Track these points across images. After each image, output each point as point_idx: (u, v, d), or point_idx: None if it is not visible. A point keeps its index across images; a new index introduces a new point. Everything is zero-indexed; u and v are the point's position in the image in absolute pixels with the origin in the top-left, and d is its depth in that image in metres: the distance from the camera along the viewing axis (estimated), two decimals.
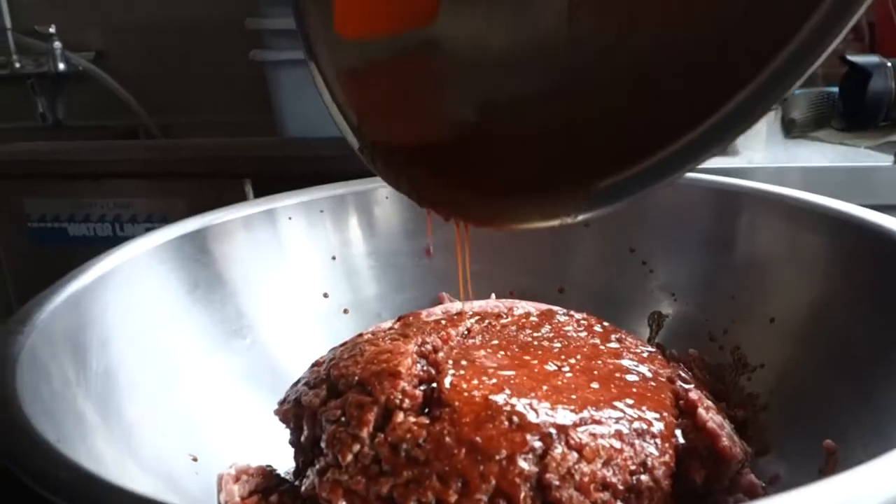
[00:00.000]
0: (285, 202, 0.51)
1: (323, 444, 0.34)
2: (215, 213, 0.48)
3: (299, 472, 0.39)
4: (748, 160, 0.88)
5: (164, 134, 1.40)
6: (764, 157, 0.89)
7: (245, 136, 1.31)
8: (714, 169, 0.86)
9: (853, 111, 0.96)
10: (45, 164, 1.17)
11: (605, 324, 0.45)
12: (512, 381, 0.36)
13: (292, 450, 0.39)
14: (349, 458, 0.33)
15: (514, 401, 0.34)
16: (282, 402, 0.40)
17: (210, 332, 0.45)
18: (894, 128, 0.92)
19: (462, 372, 0.36)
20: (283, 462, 0.40)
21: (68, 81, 1.45)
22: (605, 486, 0.32)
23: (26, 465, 0.24)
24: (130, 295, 0.41)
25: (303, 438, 0.37)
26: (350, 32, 0.30)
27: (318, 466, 0.34)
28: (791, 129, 0.97)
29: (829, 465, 0.36)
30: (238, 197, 1.12)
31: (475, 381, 0.35)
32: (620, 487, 0.32)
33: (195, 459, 0.39)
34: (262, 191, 1.12)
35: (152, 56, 1.42)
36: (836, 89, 1.00)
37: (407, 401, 0.34)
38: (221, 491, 0.36)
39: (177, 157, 1.14)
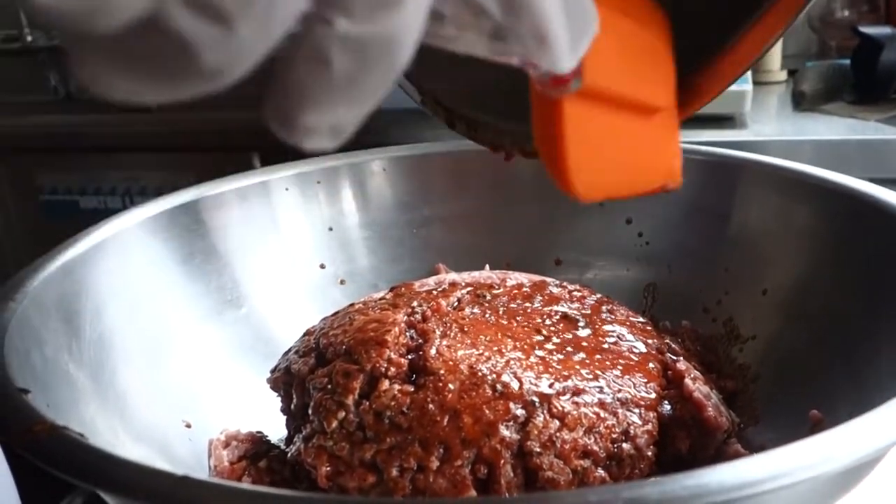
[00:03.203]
0: (281, 174, 0.51)
1: (310, 412, 0.35)
2: (210, 184, 0.48)
3: (290, 439, 0.40)
4: (756, 133, 0.87)
5: (172, 106, 1.40)
6: (772, 129, 0.88)
7: (254, 108, 1.31)
8: (721, 142, 0.85)
9: (864, 83, 0.95)
10: (56, 137, 1.18)
11: (598, 295, 0.45)
12: (498, 351, 0.36)
13: (284, 417, 0.40)
14: (334, 424, 0.33)
15: (499, 370, 0.34)
16: (273, 371, 0.40)
17: (205, 302, 0.45)
18: None
19: (448, 341, 0.36)
20: (277, 429, 0.41)
21: None
22: (586, 453, 0.32)
23: (11, 429, 0.25)
24: (125, 264, 0.42)
25: (292, 406, 0.37)
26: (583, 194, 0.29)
27: (304, 433, 0.34)
28: (801, 102, 0.96)
29: (815, 434, 0.36)
30: (246, 169, 1.13)
31: (461, 351, 0.35)
32: (602, 455, 0.33)
33: (188, 426, 0.40)
34: (270, 163, 1.12)
35: None
36: (847, 61, 0.99)
37: (392, 369, 0.35)
38: (211, 456, 0.36)
39: (186, 131, 1.14)
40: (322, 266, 0.51)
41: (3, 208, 1.24)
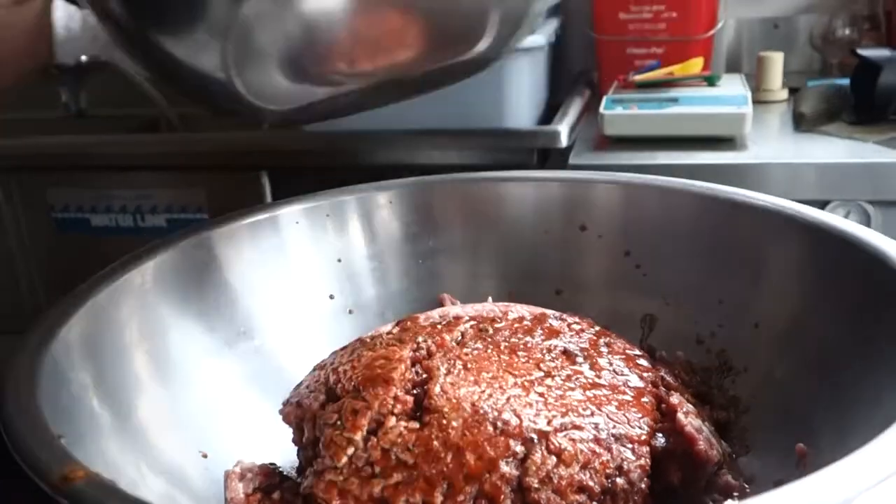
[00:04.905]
0: (290, 208, 0.53)
1: (321, 446, 0.37)
2: (223, 220, 0.50)
3: (302, 470, 0.41)
4: (756, 155, 0.89)
5: (183, 123, 1.42)
6: (772, 151, 0.89)
7: (263, 127, 1.34)
8: (721, 164, 0.87)
9: (864, 104, 0.96)
10: (68, 156, 1.20)
11: (596, 328, 0.46)
12: (500, 387, 0.38)
13: (296, 447, 0.42)
14: (344, 459, 0.35)
15: (500, 407, 0.36)
16: (286, 404, 0.42)
17: (219, 334, 0.47)
18: None
19: (452, 378, 0.38)
20: (289, 457, 0.43)
21: (90, 72, 1.48)
22: (582, 488, 0.34)
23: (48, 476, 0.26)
24: (143, 301, 0.44)
25: (304, 439, 0.39)
26: None
27: (316, 467, 0.36)
28: (801, 123, 0.98)
29: (800, 468, 0.38)
30: (255, 188, 1.15)
31: (464, 389, 0.37)
32: (596, 490, 0.34)
33: (205, 456, 0.42)
34: (279, 183, 1.15)
35: None
36: (847, 81, 1.00)
37: (399, 406, 0.37)
38: (227, 488, 0.38)
39: (196, 151, 1.16)
40: (331, 296, 0.53)
41: (15, 225, 1.27)
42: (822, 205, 0.85)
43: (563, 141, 0.98)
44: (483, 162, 1.07)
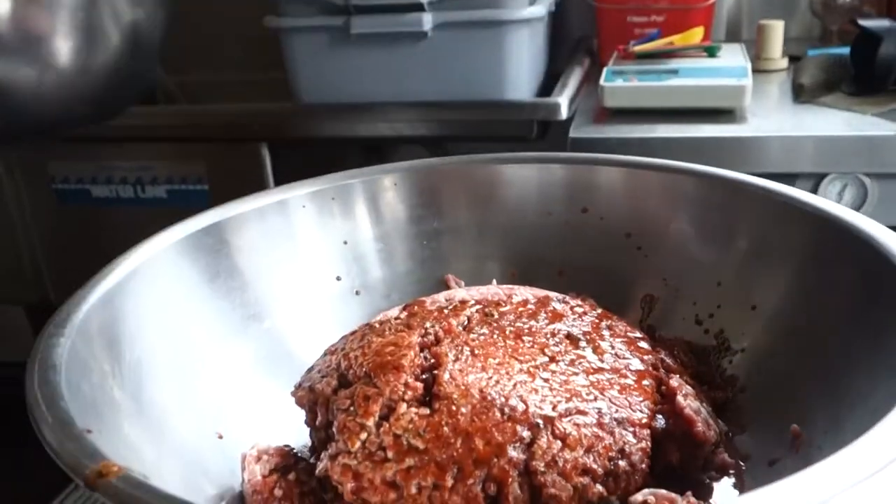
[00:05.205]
0: (297, 192, 0.54)
1: (334, 430, 0.38)
2: (231, 205, 0.51)
3: (314, 449, 0.43)
4: (755, 128, 0.89)
5: (181, 92, 1.42)
6: (771, 124, 0.90)
7: (262, 95, 1.33)
8: (721, 137, 0.88)
9: (863, 75, 0.97)
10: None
11: (598, 310, 0.48)
12: (506, 374, 0.39)
13: (308, 427, 0.43)
14: (357, 444, 0.37)
15: (507, 393, 0.38)
16: (298, 387, 0.44)
17: (230, 318, 0.49)
18: None
19: (460, 365, 0.39)
20: (301, 436, 0.44)
21: None
22: (586, 471, 0.36)
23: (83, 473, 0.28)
24: (157, 287, 0.45)
25: (317, 422, 0.41)
26: None
27: (330, 451, 0.38)
28: (800, 94, 0.98)
29: (793, 447, 0.39)
30: (255, 159, 1.15)
31: (472, 376, 0.39)
32: (600, 472, 0.36)
33: (220, 437, 0.43)
34: (278, 154, 1.15)
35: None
36: (847, 51, 1.00)
37: (409, 392, 0.38)
38: (245, 469, 0.40)
39: (196, 123, 1.17)
40: (338, 278, 0.55)
41: (16, 197, 1.27)
42: (819, 178, 0.86)
43: (563, 113, 0.99)
44: (483, 134, 1.08)
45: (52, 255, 1.30)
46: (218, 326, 0.48)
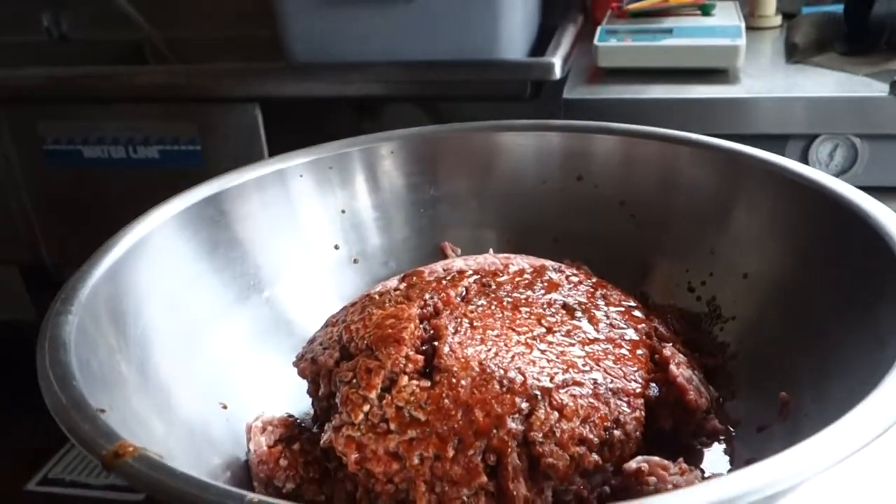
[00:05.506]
0: (295, 161, 0.54)
1: (337, 401, 0.39)
2: (230, 176, 0.51)
3: (317, 418, 0.44)
4: (748, 89, 0.89)
5: (169, 48, 1.40)
6: (764, 85, 0.90)
7: (251, 51, 1.32)
8: (713, 98, 0.88)
9: (856, 34, 0.96)
10: (57, 88, 1.19)
11: (593, 279, 0.49)
12: (505, 346, 0.40)
13: (309, 397, 0.44)
14: (360, 416, 0.38)
15: (505, 365, 0.39)
16: (300, 358, 0.45)
17: (231, 289, 0.49)
18: (894, 54, 0.92)
19: (460, 338, 0.40)
20: (302, 404, 0.46)
21: None
22: (582, 441, 0.37)
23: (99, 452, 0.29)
24: (159, 260, 0.45)
25: (320, 393, 0.42)
26: None
27: (334, 423, 0.39)
28: (793, 54, 0.98)
29: (782, 414, 0.41)
30: (247, 120, 1.14)
31: (471, 348, 0.40)
32: (595, 442, 0.37)
33: (224, 407, 0.44)
34: (270, 114, 1.14)
35: None
36: (840, 9, 1.00)
37: (410, 365, 0.39)
38: (251, 440, 0.41)
39: (188, 83, 1.15)
40: (336, 247, 0.55)
41: (6, 158, 1.26)
42: (811, 139, 0.87)
43: (557, 73, 0.98)
44: (475, 93, 1.07)
45: (45, 216, 1.29)
46: (219, 297, 0.48)
